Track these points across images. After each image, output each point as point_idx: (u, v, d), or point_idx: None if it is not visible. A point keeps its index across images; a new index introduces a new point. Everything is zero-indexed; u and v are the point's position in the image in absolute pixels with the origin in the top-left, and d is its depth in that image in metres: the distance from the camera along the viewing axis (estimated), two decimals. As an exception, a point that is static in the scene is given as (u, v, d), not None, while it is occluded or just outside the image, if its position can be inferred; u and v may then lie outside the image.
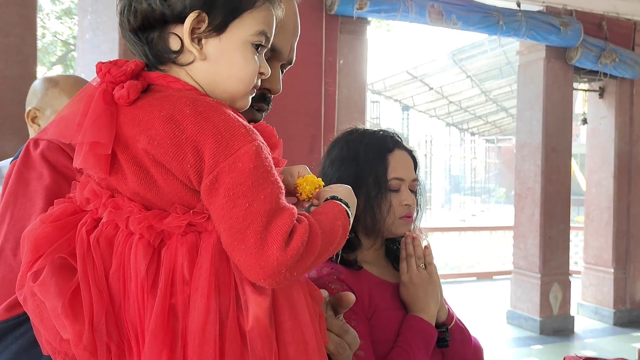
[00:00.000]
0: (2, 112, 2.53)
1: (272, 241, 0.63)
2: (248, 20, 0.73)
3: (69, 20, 11.96)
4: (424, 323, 1.23)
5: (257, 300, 0.65)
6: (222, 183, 0.63)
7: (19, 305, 0.69)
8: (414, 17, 4.62)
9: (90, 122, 0.64)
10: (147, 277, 0.63)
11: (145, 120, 0.65)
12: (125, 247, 0.65)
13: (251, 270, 0.63)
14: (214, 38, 0.71)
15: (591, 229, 6.28)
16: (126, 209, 0.66)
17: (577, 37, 5.36)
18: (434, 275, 1.29)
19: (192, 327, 0.62)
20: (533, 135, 5.62)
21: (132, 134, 0.65)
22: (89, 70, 3.33)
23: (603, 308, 6.13)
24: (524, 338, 5.53)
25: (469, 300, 6.85)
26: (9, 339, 0.69)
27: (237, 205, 0.63)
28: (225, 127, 0.64)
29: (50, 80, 1.69)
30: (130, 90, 0.66)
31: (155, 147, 0.64)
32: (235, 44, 0.72)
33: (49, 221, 0.67)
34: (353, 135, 1.36)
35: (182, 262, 0.64)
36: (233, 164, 0.63)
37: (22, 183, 0.76)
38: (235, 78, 0.73)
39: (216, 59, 0.71)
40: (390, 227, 1.29)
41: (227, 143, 0.63)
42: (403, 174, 1.30)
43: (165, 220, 0.65)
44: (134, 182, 0.66)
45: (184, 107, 0.65)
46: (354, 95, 4.61)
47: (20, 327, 0.69)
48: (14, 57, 2.56)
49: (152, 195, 0.66)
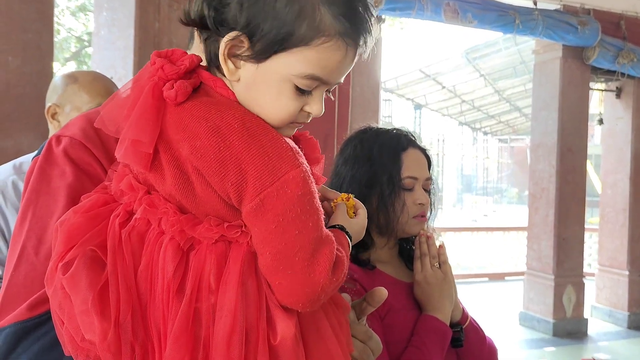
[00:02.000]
0: (20, 108, 2.55)
1: (321, 269, 0.63)
2: (297, 57, 0.65)
3: (83, 16, 12.04)
4: (439, 322, 1.23)
5: (284, 315, 0.64)
6: (269, 208, 0.62)
7: (41, 304, 0.68)
8: (429, 15, 4.59)
9: (135, 118, 0.63)
10: (173, 279, 0.62)
11: (191, 127, 0.63)
12: (155, 245, 0.64)
13: (292, 294, 0.63)
14: (251, 63, 0.66)
15: (606, 231, 6.22)
16: (161, 208, 0.64)
17: (594, 37, 5.30)
18: (449, 274, 1.28)
19: (218, 336, 0.61)
20: (548, 135, 5.56)
21: (177, 139, 0.63)
22: (104, 66, 3.34)
23: (617, 311, 6.07)
24: (537, 340, 5.49)
25: (481, 300, 6.81)
26: (31, 339, 0.68)
27: (286, 231, 0.62)
28: (273, 148, 0.62)
29: (70, 77, 1.69)
30: (179, 92, 0.64)
31: (197, 159, 0.62)
32: (272, 78, 0.66)
33: (81, 212, 0.66)
34: (367, 133, 1.35)
35: (210, 269, 0.63)
36: (281, 189, 0.61)
37: (44, 180, 0.75)
38: (264, 110, 0.67)
39: (248, 86, 0.67)
40: (404, 227, 1.28)
41: (274, 166, 0.62)
42: (417, 172, 1.29)
43: (197, 228, 0.64)
44: (172, 184, 0.64)
45: (233, 120, 0.63)
46: (367, 93, 4.59)
47: (42, 326, 0.68)
48: (31, 53, 2.57)
49: (188, 202, 0.65)
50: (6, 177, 1.59)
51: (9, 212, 1.56)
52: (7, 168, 1.63)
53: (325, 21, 0.64)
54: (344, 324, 0.72)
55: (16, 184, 1.57)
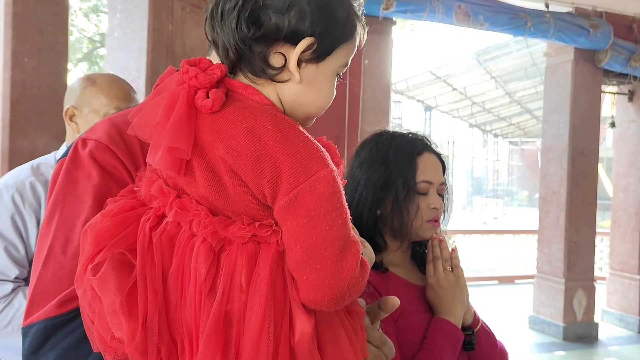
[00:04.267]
0: (35, 108, 2.58)
1: (349, 266, 0.65)
2: (342, 51, 0.74)
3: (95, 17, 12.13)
4: (451, 326, 1.23)
5: (304, 316, 0.66)
6: (302, 203, 0.64)
7: (70, 302, 0.70)
8: (440, 17, 4.59)
9: (172, 125, 0.65)
10: (206, 280, 0.63)
11: (226, 129, 0.65)
12: (187, 248, 0.65)
13: (319, 290, 0.65)
14: (313, 64, 0.72)
15: (617, 235, 6.17)
16: (192, 211, 0.66)
17: (606, 40, 5.27)
18: (461, 278, 1.29)
19: (248, 335, 0.63)
20: (560, 138, 5.54)
21: (210, 141, 0.65)
22: (117, 68, 3.37)
23: (628, 315, 6.02)
24: (547, 344, 5.46)
25: (490, 304, 6.78)
26: (60, 335, 0.70)
27: (317, 226, 0.64)
28: (305, 148, 0.66)
29: (88, 79, 1.70)
30: (216, 101, 0.66)
31: (233, 158, 0.64)
32: (328, 73, 0.74)
33: (109, 216, 0.68)
34: (382, 137, 1.35)
35: (241, 269, 0.64)
36: (313, 186, 0.64)
37: (70, 182, 0.76)
38: (318, 103, 0.75)
39: (309, 84, 0.73)
40: (418, 230, 1.28)
41: (307, 164, 0.65)
42: (432, 177, 1.29)
43: (229, 228, 0.65)
44: (204, 186, 0.66)
45: (266, 122, 0.65)
46: (378, 95, 4.60)
47: (70, 323, 0.70)
48: (47, 55, 2.60)
49: (220, 202, 0.66)
50: (24, 178, 1.61)
51: (27, 213, 1.58)
52: (25, 169, 1.65)
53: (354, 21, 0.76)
54: (359, 330, 0.73)
55: (34, 185, 1.59)
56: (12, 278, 1.55)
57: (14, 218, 1.56)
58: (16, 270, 1.56)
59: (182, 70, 0.68)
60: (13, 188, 1.58)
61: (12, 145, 2.58)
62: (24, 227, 1.57)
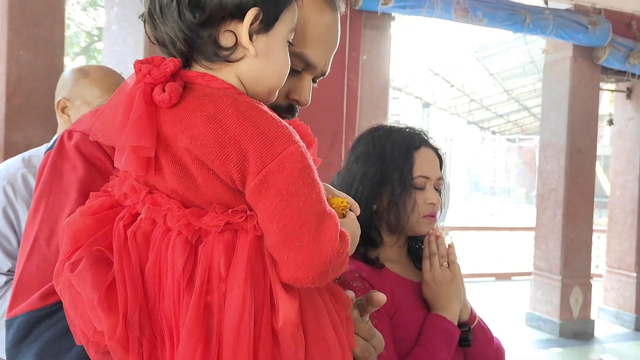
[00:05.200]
0: (31, 102, 2.57)
1: (328, 239, 0.64)
2: (287, 16, 0.74)
3: (92, 11, 12.08)
4: (446, 322, 1.23)
5: (287, 300, 0.65)
6: (272, 183, 0.63)
7: (52, 294, 0.69)
8: (439, 13, 4.58)
9: (132, 125, 0.64)
10: (183, 273, 0.63)
11: (187, 119, 0.65)
12: (163, 243, 0.65)
13: (301, 267, 0.64)
14: (263, 34, 0.71)
15: (614, 232, 6.18)
16: (165, 205, 0.66)
17: (605, 36, 5.26)
18: (457, 274, 1.28)
19: (227, 324, 0.63)
20: (557, 135, 5.54)
21: (172, 133, 0.65)
22: (115, 61, 3.35)
23: (624, 313, 6.04)
24: (543, 340, 5.47)
25: (487, 300, 6.79)
26: (42, 327, 0.70)
27: (290, 204, 0.63)
28: (268, 127, 0.65)
29: (81, 71, 1.69)
30: (173, 94, 0.65)
31: (197, 147, 0.64)
32: (279, 40, 0.73)
33: (87, 214, 0.68)
34: (379, 131, 1.34)
35: (219, 259, 0.64)
36: (281, 164, 0.63)
37: (56, 174, 0.76)
38: (278, 73, 0.74)
39: (264, 56, 0.72)
40: (414, 226, 1.28)
41: (272, 143, 0.64)
42: (429, 172, 1.29)
43: (203, 219, 0.65)
44: (173, 180, 0.66)
45: (226, 107, 0.65)
46: (376, 91, 4.58)
47: (53, 316, 0.70)
48: (42, 48, 2.59)
49: (191, 194, 0.66)
50: (16, 170, 1.60)
51: (19, 205, 1.57)
52: (16, 161, 1.64)
53: None
54: (344, 319, 0.73)
55: (26, 177, 1.58)
56: (5, 271, 1.54)
57: (6, 210, 1.55)
58: (9, 263, 1.55)
59: (135, 70, 0.68)
60: (4, 180, 1.57)
61: (7, 139, 2.56)
62: (16, 220, 1.56)
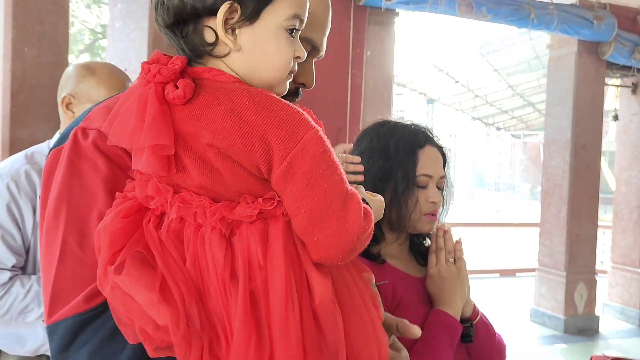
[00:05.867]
0: (35, 99, 2.57)
1: (354, 217, 0.67)
2: (280, 5, 0.72)
3: (96, 8, 12.09)
4: (449, 317, 1.23)
5: (321, 279, 0.68)
6: (297, 169, 0.65)
7: (96, 296, 0.68)
8: (443, 9, 4.56)
9: (149, 125, 0.64)
10: (225, 267, 0.64)
11: (205, 115, 0.65)
12: (197, 240, 0.66)
13: (331, 247, 0.67)
14: (247, 27, 0.71)
15: (619, 228, 6.16)
16: (195, 203, 0.66)
17: (610, 32, 5.24)
18: (463, 270, 1.28)
19: (274, 310, 0.64)
20: (562, 131, 5.52)
21: (192, 130, 0.66)
22: (119, 58, 3.36)
23: (629, 309, 6.02)
24: (548, 337, 5.46)
25: (491, 296, 6.78)
26: (90, 330, 0.68)
27: (316, 187, 0.66)
28: (286, 115, 0.66)
29: (88, 68, 1.69)
30: (187, 90, 0.66)
31: (221, 141, 0.65)
32: (268, 31, 0.72)
33: (119, 217, 0.67)
34: (384, 127, 1.34)
35: (256, 248, 0.66)
36: (304, 149, 0.65)
37: (75, 174, 0.74)
38: (270, 66, 0.73)
39: (250, 49, 0.71)
40: (415, 224, 1.27)
41: (292, 130, 0.65)
42: (432, 170, 1.28)
43: (235, 211, 0.66)
44: (199, 176, 0.66)
45: (242, 99, 0.66)
46: (380, 87, 4.58)
47: (100, 317, 0.68)
48: (47, 45, 2.59)
49: (220, 188, 0.67)
50: (19, 166, 1.61)
51: (23, 201, 1.58)
52: (19, 158, 1.65)
53: None
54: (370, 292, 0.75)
55: (29, 174, 1.59)
56: (10, 267, 1.55)
57: (10, 206, 1.56)
58: (13, 259, 1.56)
59: (143, 71, 0.68)
60: (8, 177, 1.58)
61: (12, 135, 2.58)
62: (20, 216, 1.57)
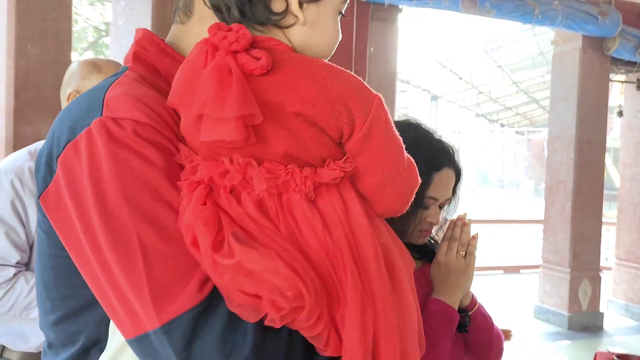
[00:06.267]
0: (39, 96, 2.58)
1: (414, 172, 0.76)
2: None
3: (100, 6, 12.09)
4: (447, 307, 1.22)
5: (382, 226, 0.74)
6: (375, 131, 0.70)
7: (205, 284, 0.65)
8: (446, 5, 4.54)
9: (237, 94, 0.64)
10: (323, 231, 0.67)
11: (290, 83, 0.66)
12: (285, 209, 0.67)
13: (399, 199, 0.75)
14: (314, 4, 0.73)
15: (624, 225, 6.15)
16: (282, 171, 0.67)
17: (615, 27, 5.21)
18: (471, 266, 1.26)
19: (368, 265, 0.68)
20: (566, 127, 5.49)
21: (276, 100, 0.66)
22: (122, 55, 3.33)
23: (634, 305, 6.01)
24: (552, 333, 5.46)
25: (495, 293, 6.78)
26: (210, 320, 0.65)
27: (391, 147, 0.72)
28: (355, 81, 0.70)
29: (94, 65, 1.67)
30: (269, 60, 0.66)
31: (309, 108, 0.66)
32: (330, 11, 0.75)
33: (199, 204, 0.66)
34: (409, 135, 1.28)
35: (339, 208, 0.69)
36: (377, 113, 0.70)
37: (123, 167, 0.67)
38: (326, 44, 0.76)
39: (313, 25, 0.74)
40: (409, 237, 1.25)
41: (364, 96, 0.69)
42: (440, 194, 1.25)
43: (322, 174, 0.68)
44: (283, 145, 0.67)
45: (316, 67, 0.68)
46: (383, 83, 4.56)
47: (211, 306, 0.65)
48: (50, 42, 2.60)
49: (304, 154, 0.69)
50: (22, 163, 1.61)
51: (27, 198, 1.58)
52: (23, 154, 1.65)
53: None
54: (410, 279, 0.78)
55: (33, 170, 1.59)
56: (14, 263, 1.55)
57: (14, 203, 1.56)
58: (17, 256, 1.56)
59: (215, 38, 0.66)
60: (12, 173, 1.58)
61: (16, 132, 2.58)
62: (24, 212, 1.57)
